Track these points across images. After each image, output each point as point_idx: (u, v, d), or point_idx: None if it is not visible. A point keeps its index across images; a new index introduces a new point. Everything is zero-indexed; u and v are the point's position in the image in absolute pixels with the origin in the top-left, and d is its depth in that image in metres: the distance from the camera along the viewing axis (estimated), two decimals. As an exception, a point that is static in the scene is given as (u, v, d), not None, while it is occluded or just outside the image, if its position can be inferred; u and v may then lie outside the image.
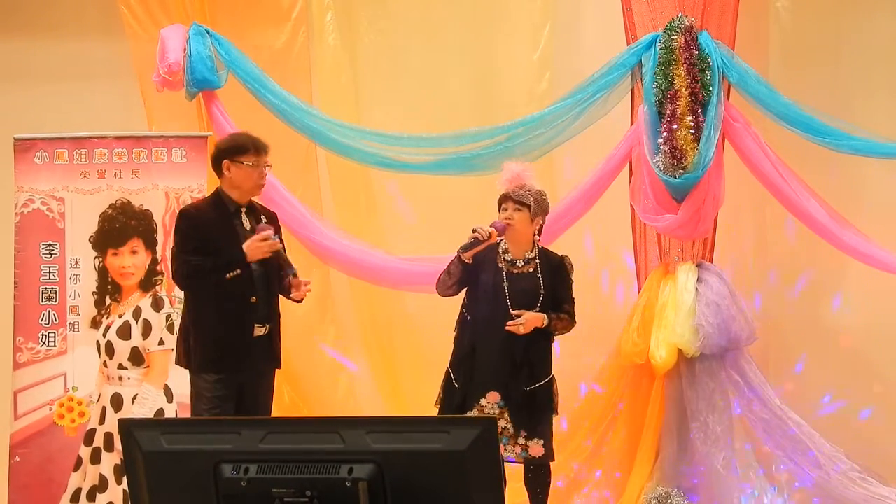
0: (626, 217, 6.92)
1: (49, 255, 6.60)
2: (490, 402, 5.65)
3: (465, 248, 5.66)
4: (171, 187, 6.66)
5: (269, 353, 5.58)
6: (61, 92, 7.55)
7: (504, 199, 5.76)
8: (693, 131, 6.52)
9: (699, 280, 6.62)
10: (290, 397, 7.21)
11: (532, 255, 5.76)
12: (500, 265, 5.73)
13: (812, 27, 7.21)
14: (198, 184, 6.62)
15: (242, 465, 2.88)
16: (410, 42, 7.44)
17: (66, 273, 6.59)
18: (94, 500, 6.45)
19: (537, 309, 5.65)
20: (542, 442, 5.64)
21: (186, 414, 6.25)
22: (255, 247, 5.38)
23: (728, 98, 6.71)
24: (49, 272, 6.59)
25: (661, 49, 6.63)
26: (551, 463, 5.79)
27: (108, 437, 6.48)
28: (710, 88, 6.56)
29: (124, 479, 6.08)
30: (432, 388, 7.23)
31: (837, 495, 6.47)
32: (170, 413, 6.43)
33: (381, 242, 7.18)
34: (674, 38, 6.61)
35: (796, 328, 7.14)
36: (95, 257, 6.63)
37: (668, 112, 6.55)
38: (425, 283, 6.91)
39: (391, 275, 6.97)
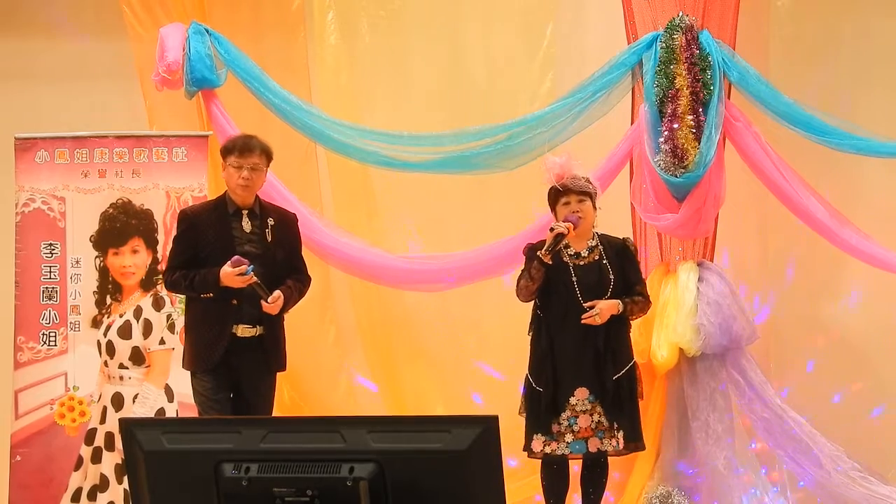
0: (627, 216, 6.92)
1: (50, 255, 6.60)
2: (580, 399, 5.63)
3: (549, 249, 5.57)
4: (171, 187, 6.66)
5: (263, 356, 5.57)
6: (62, 91, 7.55)
7: (563, 192, 5.71)
8: (694, 130, 6.52)
9: (700, 279, 6.61)
10: (290, 397, 7.20)
11: (594, 242, 5.76)
12: (564, 259, 5.71)
13: (812, 26, 7.21)
14: (198, 183, 6.62)
15: (243, 464, 2.87)
16: (411, 41, 7.43)
17: (67, 272, 6.60)
18: (94, 500, 6.45)
19: (608, 296, 5.64)
20: (622, 434, 5.62)
21: (187, 413, 6.26)
22: (229, 277, 5.38)
23: (729, 97, 6.71)
24: (50, 271, 6.59)
25: (661, 48, 6.62)
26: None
27: (109, 437, 6.48)
28: (711, 87, 6.56)
29: (125, 479, 6.08)
30: (432, 386, 7.27)
31: (838, 494, 6.46)
32: (171, 412, 6.43)
33: (381, 241, 7.18)
34: (675, 37, 6.61)
35: (797, 327, 7.14)
36: (96, 257, 6.63)
37: (669, 111, 6.55)
38: (425, 282, 6.94)
39: (391, 273, 6.97)
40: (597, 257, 5.74)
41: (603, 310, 5.59)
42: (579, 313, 5.61)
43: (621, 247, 5.82)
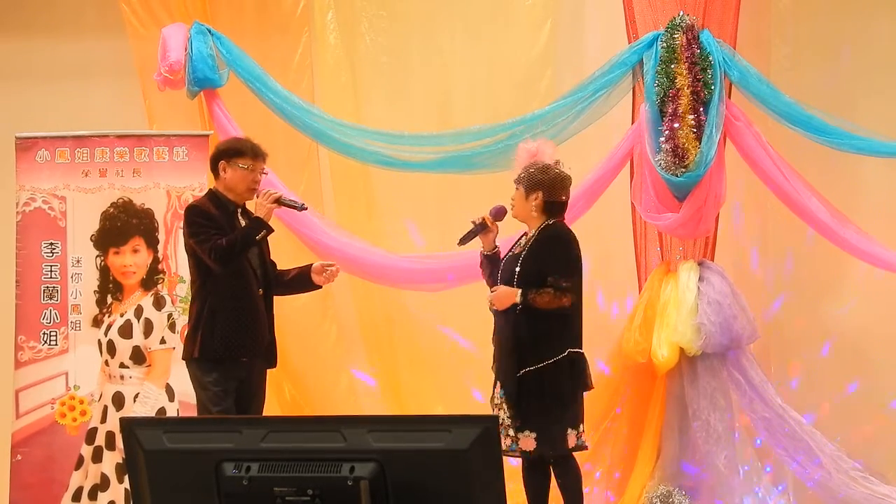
0: (628, 215, 6.92)
1: (50, 254, 6.60)
2: (497, 393, 5.53)
3: (461, 240, 5.63)
4: (172, 186, 6.66)
5: (268, 348, 5.57)
6: (63, 91, 7.55)
7: None
8: (695, 130, 6.52)
9: (701, 279, 6.62)
10: (291, 395, 7.21)
11: (534, 233, 5.56)
12: (513, 250, 5.63)
13: (813, 26, 7.21)
14: (199, 182, 6.62)
15: (244, 463, 2.88)
16: (411, 41, 7.43)
17: (68, 272, 6.60)
18: (95, 499, 6.46)
19: (515, 286, 5.43)
20: (534, 435, 5.38)
21: (188, 413, 6.26)
22: (260, 206, 5.44)
23: (729, 97, 6.71)
24: (50, 271, 6.59)
25: (662, 47, 6.63)
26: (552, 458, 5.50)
27: (110, 436, 6.48)
28: (712, 87, 6.56)
29: (126, 478, 6.08)
30: (433, 386, 7.27)
31: (839, 494, 6.46)
32: (171, 412, 6.43)
33: (382, 241, 7.18)
34: (675, 36, 6.61)
35: (798, 327, 7.14)
36: (97, 256, 6.63)
37: (670, 110, 6.55)
38: (425, 282, 6.94)
39: (391, 273, 6.97)
40: (526, 247, 5.55)
41: (499, 295, 5.43)
42: None
43: (548, 235, 5.49)
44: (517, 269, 5.47)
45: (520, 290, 5.38)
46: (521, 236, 5.67)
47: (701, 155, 6.49)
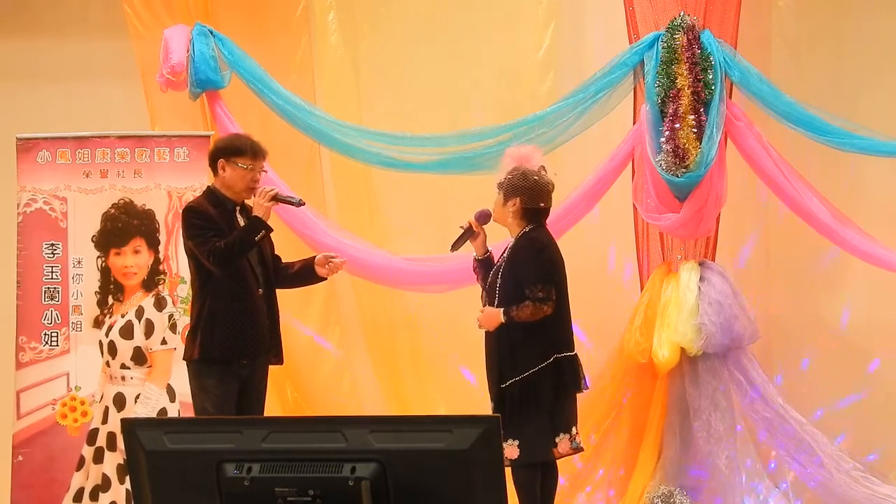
0: (629, 216, 6.92)
1: (51, 255, 6.60)
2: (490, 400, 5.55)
3: (453, 246, 5.63)
4: (173, 187, 6.66)
5: (271, 347, 5.56)
6: (64, 91, 7.55)
7: None
8: (695, 130, 6.52)
9: (701, 279, 6.62)
10: (292, 396, 7.21)
11: (512, 242, 5.55)
12: (499, 262, 5.62)
13: (814, 26, 7.21)
14: (200, 183, 6.61)
15: (245, 464, 2.88)
16: (413, 42, 7.43)
17: (69, 272, 6.60)
18: (96, 500, 6.46)
19: (497, 300, 5.43)
20: (517, 443, 5.34)
21: (189, 413, 6.25)
22: (258, 205, 5.39)
23: (730, 97, 6.72)
24: (51, 272, 6.60)
25: (663, 48, 6.63)
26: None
27: (111, 437, 6.49)
28: (713, 87, 6.57)
29: (127, 479, 6.08)
30: (434, 387, 7.27)
31: (840, 494, 6.46)
32: (172, 412, 6.43)
33: (384, 242, 7.18)
34: (676, 36, 6.61)
35: (799, 327, 7.13)
36: (98, 257, 6.63)
37: (671, 111, 6.55)
38: (428, 283, 6.94)
39: (394, 274, 6.97)
40: (506, 257, 5.53)
41: (483, 318, 5.44)
42: None
43: (520, 245, 5.47)
44: (498, 282, 5.48)
45: (502, 310, 5.38)
46: (507, 247, 5.62)
47: (701, 155, 6.50)
